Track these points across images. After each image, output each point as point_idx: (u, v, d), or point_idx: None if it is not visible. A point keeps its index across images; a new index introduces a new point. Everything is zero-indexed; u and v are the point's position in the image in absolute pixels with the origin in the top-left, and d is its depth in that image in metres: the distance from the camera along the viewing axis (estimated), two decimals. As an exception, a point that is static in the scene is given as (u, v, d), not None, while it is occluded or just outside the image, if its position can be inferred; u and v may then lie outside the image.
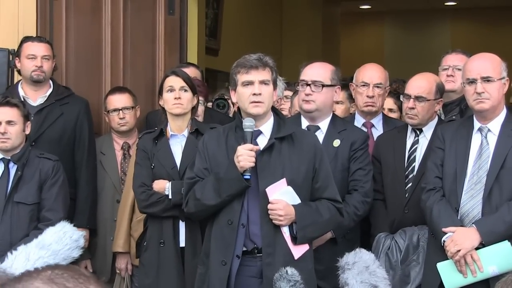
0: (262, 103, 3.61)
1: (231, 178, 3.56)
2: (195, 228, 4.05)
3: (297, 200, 3.62)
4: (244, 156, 3.53)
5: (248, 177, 3.55)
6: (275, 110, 3.78)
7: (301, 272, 3.34)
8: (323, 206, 3.67)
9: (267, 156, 3.61)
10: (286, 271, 3.21)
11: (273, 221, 3.54)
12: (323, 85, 4.20)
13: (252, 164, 3.55)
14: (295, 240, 3.58)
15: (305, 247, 3.62)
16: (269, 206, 3.54)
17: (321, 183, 3.69)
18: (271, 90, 3.65)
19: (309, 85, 4.21)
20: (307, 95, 4.21)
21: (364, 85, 4.68)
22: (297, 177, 3.62)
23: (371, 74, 4.72)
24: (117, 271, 4.79)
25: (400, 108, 5.02)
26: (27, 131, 4.29)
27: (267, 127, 3.69)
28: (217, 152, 3.68)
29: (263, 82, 3.62)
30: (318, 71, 4.26)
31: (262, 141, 3.66)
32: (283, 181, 3.59)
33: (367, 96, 4.65)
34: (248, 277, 3.58)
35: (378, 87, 4.67)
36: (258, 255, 3.57)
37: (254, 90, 3.60)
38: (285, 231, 3.58)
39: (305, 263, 3.57)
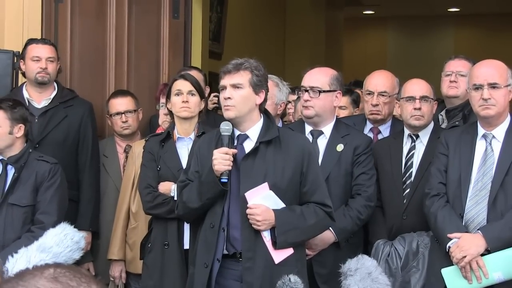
0: (233, 107, 3.59)
1: (208, 182, 3.56)
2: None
3: (281, 205, 3.59)
4: (219, 160, 3.53)
5: (225, 180, 3.54)
6: (267, 113, 3.76)
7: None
8: (309, 211, 3.63)
9: (251, 160, 3.59)
10: (289, 279, 3.19)
11: (252, 225, 3.53)
12: (320, 91, 4.20)
13: (228, 168, 3.53)
14: (275, 245, 3.55)
15: (287, 252, 3.58)
16: (248, 211, 3.52)
17: (309, 187, 3.66)
18: (245, 93, 3.61)
19: (307, 91, 4.21)
20: (305, 101, 4.21)
21: (369, 94, 4.69)
22: (281, 181, 3.60)
23: (376, 82, 4.72)
24: (111, 279, 4.78)
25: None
26: (18, 134, 4.22)
27: (254, 131, 3.66)
28: (206, 155, 3.67)
29: (234, 86, 3.61)
30: (316, 77, 4.26)
31: (249, 146, 3.65)
32: (265, 185, 3.56)
33: (371, 105, 4.66)
34: (231, 280, 3.58)
35: (382, 95, 4.66)
36: (241, 259, 3.55)
37: (224, 94, 3.61)
38: (265, 236, 3.55)
39: (288, 268, 3.48)
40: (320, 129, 4.27)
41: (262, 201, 3.53)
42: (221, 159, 3.53)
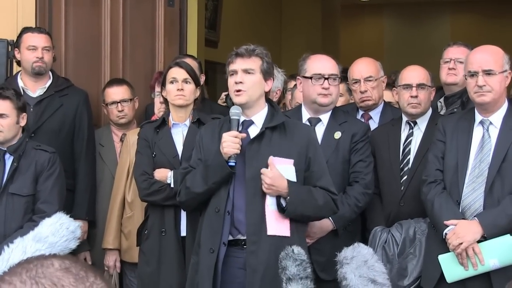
0: (244, 92, 3.63)
1: (216, 165, 3.59)
2: (196, 217, 4.06)
3: (294, 180, 3.64)
4: (228, 143, 3.56)
5: (233, 164, 3.57)
6: (270, 102, 3.79)
7: None
8: (318, 192, 3.68)
9: (256, 145, 3.63)
10: (292, 250, 3.18)
11: (262, 187, 3.55)
12: (341, 78, 4.26)
13: (237, 151, 3.57)
14: (282, 212, 3.57)
15: (283, 231, 3.59)
16: (262, 170, 3.56)
17: (314, 173, 3.70)
18: (256, 79, 3.66)
19: (326, 78, 4.20)
20: (326, 88, 4.20)
21: (356, 82, 4.71)
22: None
23: (359, 69, 4.74)
24: (105, 268, 4.77)
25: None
26: (22, 123, 4.25)
27: (259, 117, 3.70)
28: (210, 143, 3.71)
29: (246, 71, 3.64)
30: (331, 64, 4.27)
31: (254, 131, 3.68)
32: (291, 161, 3.62)
33: (360, 92, 4.67)
34: (236, 268, 3.60)
35: (369, 80, 4.68)
36: (245, 246, 3.58)
37: (236, 79, 3.64)
38: (269, 204, 3.58)
39: None
40: (318, 116, 4.26)
41: (280, 170, 3.57)
42: (231, 142, 3.56)
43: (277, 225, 3.58)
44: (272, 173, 3.56)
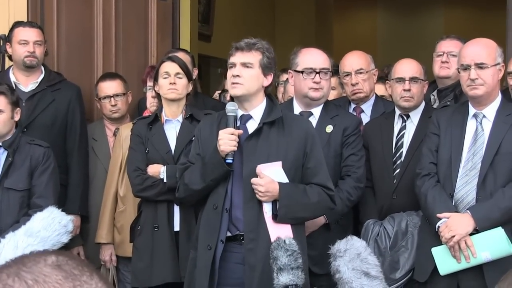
0: (241, 85, 3.62)
1: (213, 162, 3.58)
2: (189, 212, 4.07)
3: (286, 182, 3.61)
4: (225, 140, 3.55)
5: (230, 161, 3.56)
6: (270, 96, 3.77)
7: None
8: (313, 190, 3.65)
9: (254, 141, 3.62)
10: (284, 241, 3.18)
11: (256, 195, 3.53)
12: (332, 72, 4.25)
13: (234, 148, 3.56)
14: (276, 218, 3.56)
15: (285, 231, 3.56)
16: (252, 180, 3.54)
17: (311, 168, 3.68)
18: (254, 73, 3.64)
19: (318, 72, 4.19)
20: (317, 82, 4.19)
21: (347, 75, 4.71)
22: (284, 162, 3.62)
23: (350, 62, 4.74)
24: (102, 263, 4.77)
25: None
26: (16, 118, 4.25)
27: (257, 112, 3.69)
28: (208, 138, 3.69)
29: (244, 65, 3.62)
30: (323, 58, 4.26)
31: (252, 126, 3.67)
32: (279, 163, 3.59)
33: (351, 85, 4.67)
34: (234, 264, 3.59)
35: (360, 73, 4.68)
36: (243, 242, 3.57)
37: (233, 72, 3.62)
38: (267, 211, 3.56)
39: None
40: (310, 110, 4.26)
41: (270, 175, 3.55)
42: (227, 140, 3.55)
43: (278, 230, 3.54)
44: (263, 180, 3.54)
